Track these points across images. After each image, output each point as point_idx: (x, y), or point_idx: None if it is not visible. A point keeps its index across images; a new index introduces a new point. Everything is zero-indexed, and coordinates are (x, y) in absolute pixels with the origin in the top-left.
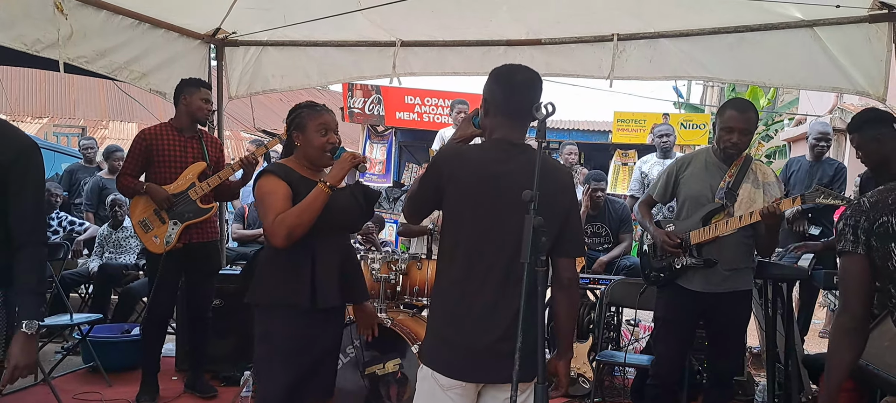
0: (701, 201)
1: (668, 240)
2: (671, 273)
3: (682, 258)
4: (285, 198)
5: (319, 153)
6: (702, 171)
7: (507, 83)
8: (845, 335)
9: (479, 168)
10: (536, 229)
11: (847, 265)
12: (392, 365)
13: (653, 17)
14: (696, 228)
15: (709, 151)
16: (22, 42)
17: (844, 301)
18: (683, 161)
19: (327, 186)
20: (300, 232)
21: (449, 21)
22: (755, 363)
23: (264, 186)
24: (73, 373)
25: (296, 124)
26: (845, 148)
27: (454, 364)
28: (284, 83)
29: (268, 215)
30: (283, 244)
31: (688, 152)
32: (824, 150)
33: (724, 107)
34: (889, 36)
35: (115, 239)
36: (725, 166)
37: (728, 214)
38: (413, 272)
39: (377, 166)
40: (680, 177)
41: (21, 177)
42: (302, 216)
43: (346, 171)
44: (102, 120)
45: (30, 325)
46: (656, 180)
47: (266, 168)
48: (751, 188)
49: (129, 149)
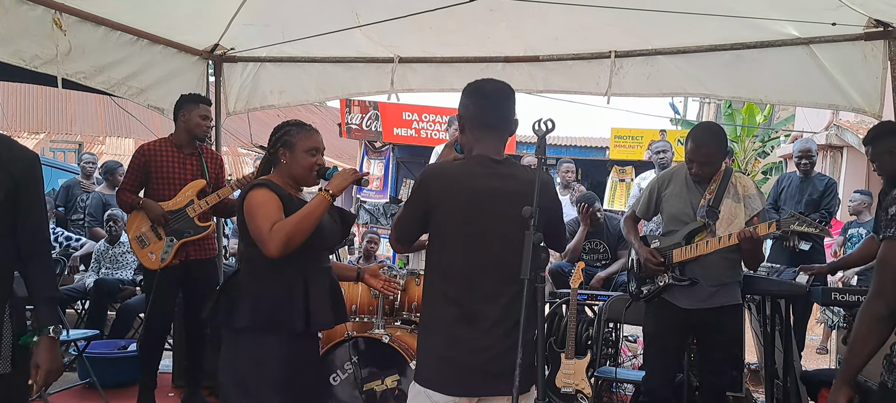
0: (682, 219)
1: (652, 258)
2: (654, 289)
3: (665, 275)
4: (279, 209)
5: (306, 173)
6: (682, 189)
7: (478, 96)
8: (878, 321)
9: (466, 183)
10: (536, 246)
11: (891, 251)
12: (390, 382)
13: (650, 35)
14: (679, 247)
15: (686, 168)
16: (20, 58)
17: (881, 287)
18: (664, 178)
19: (329, 194)
20: (298, 240)
21: (447, 38)
22: (754, 379)
23: (257, 197)
24: (69, 390)
25: (283, 141)
26: (841, 164)
27: (452, 382)
28: (282, 99)
29: (263, 224)
30: (278, 252)
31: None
32: (808, 168)
33: (687, 137)
34: (885, 53)
35: (111, 254)
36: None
37: (710, 232)
38: (411, 288)
39: (375, 182)
40: (661, 194)
41: (31, 189)
42: (302, 223)
43: (348, 184)
44: (99, 135)
45: (56, 330)
46: (639, 196)
47: (256, 182)
48: (732, 203)
49: (128, 165)
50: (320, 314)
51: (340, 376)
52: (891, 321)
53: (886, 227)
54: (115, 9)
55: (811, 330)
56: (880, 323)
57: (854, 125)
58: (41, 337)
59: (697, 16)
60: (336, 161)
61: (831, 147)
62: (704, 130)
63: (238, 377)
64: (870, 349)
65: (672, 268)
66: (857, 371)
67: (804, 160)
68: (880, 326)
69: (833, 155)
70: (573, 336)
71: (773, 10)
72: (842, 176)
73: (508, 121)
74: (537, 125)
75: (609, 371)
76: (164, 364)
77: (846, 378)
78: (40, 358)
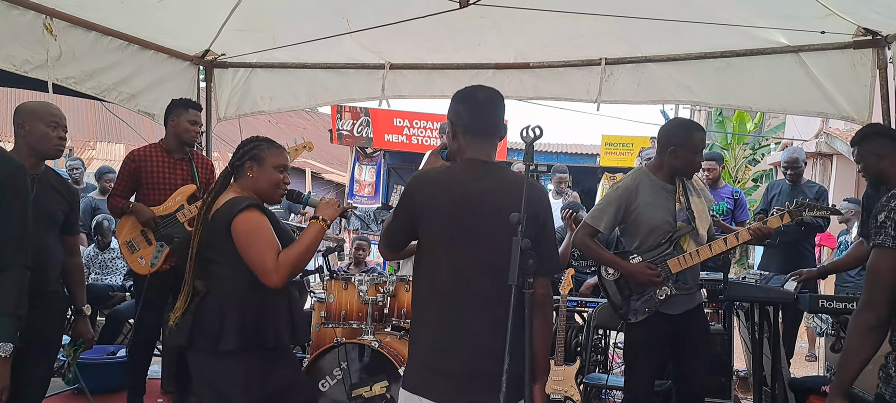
0: (665, 228)
1: (653, 272)
2: (652, 303)
3: (665, 288)
4: (274, 234)
5: (273, 189)
6: (656, 197)
7: (470, 103)
8: (869, 332)
9: (453, 189)
10: (524, 251)
11: (882, 260)
12: (379, 388)
13: (639, 42)
14: (672, 256)
15: (647, 174)
16: (11, 62)
17: (871, 297)
18: (629, 190)
19: (325, 223)
20: (300, 270)
21: (438, 44)
22: (742, 386)
23: (253, 221)
24: (58, 395)
25: (252, 155)
26: (831, 172)
27: (439, 388)
28: (273, 105)
29: (267, 252)
30: (282, 283)
31: (624, 179)
32: (795, 177)
33: (691, 129)
34: (873, 62)
35: (101, 259)
36: (671, 185)
37: (693, 234)
38: (401, 294)
39: (366, 188)
40: (632, 207)
41: (6, 200)
42: (305, 255)
43: (337, 215)
44: (90, 140)
45: (5, 348)
46: (598, 211)
47: (247, 201)
48: (697, 199)
49: (119, 170)
50: (301, 327)
51: (329, 382)
52: (882, 330)
53: (876, 235)
54: (106, 14)
55: (800, 337)
56: (871, 333)
57: (844, 133)
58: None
59: (687, 24)
60: (327, 167)
61: (821, 155)
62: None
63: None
64: (862, 360)
65: (673, 279)
66: (851, 382)
67: (790, 170)
68: (872, 336)
69: (823, 163)
70: (562, 343)
71: (763, 19)
72: (831, 184)
73: (498, 128)
74: (525, 132)
75: (598, 377)
76: (154, 369)
77: (840, 390)
78: None
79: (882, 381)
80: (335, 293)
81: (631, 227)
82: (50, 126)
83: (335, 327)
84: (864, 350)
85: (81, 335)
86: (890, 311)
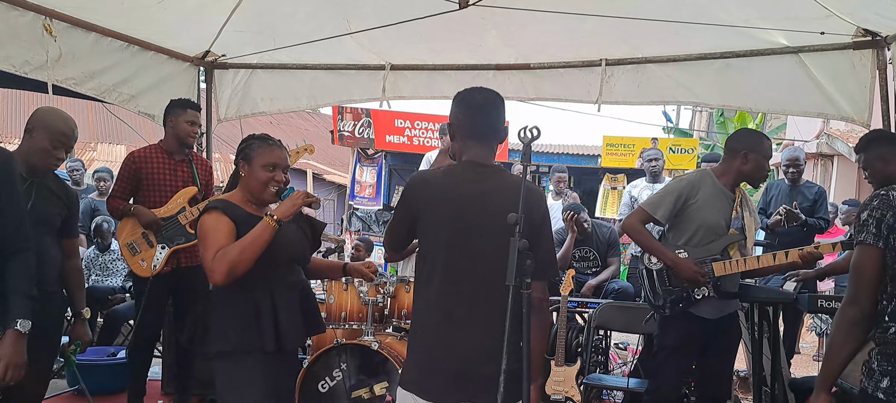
0: (717, 231)
1: (698, 270)
2: (687, 302)
3: (704, 288)
4: (228, 235)
5: (261, 188)
6: (714, 200)
7: (468, 105)
8: (852, 326)
9: (452, 190)
10: (521, 252)
11: (863, 257)
12: (379, 389)
13: (640, 43)
14: (719, 260)
15: (711, 176)
16: (10, 63)
17: (854, 293)
18: (692, 185)
19: (274, 221)
20: (242, 268)
21: (438, 45)
22: (742, 386)
23: (206, 223)
24: (58, 396)
25: (244, 154)
26: (832, 173)
27: (435, 387)
28: (274, 106)
29: (207, 252)
30: (222, 281)
31: (687, 174)
32: (795, 176)
33: (763, 137)
34: (873, 62)
35: (101, 261)
36: (732, 194)
37: (741, 246)
38: (401, 295)
39: (367, 189)
40: (690, 202)
41: (6, 188)
42: (244, 252)
43: (297, 209)
44: (91, 142)
45: (24, 324)
46: (657, 199)
47: (210, 204)
48: (750, 218)
49: (118, 172)
50: (290, 332)
51: (329, 383)
52: (865, 325)
53: (858, 232)
54: (106, 15)
55: (804, 338)
56: (855, 327)
57: (844, 134)
58: (7, 330)
59: (687, 24)
60: (328, 168)
61: (822, 155)
62: (770, 141)
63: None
64: (846, 354)
65: (715, 282)
66: (836, 376)
67: (791, 169)
68: (855, 331)
69: (823, 163)
70: (563, 344)
71: (763, 20)
72: (832, 185)
73: (497, 130)
74: (523, 132)
75: (599, 378)
76: (154, 371)
77: (825, 384)
78: (3, 351)
79: (865, 375)
80: (335, 294)
81: (682, 222)
82: (54, 144)
83: (335, 328)
84: (848, 345)
85: (79, 337)
86: (873, 306)
